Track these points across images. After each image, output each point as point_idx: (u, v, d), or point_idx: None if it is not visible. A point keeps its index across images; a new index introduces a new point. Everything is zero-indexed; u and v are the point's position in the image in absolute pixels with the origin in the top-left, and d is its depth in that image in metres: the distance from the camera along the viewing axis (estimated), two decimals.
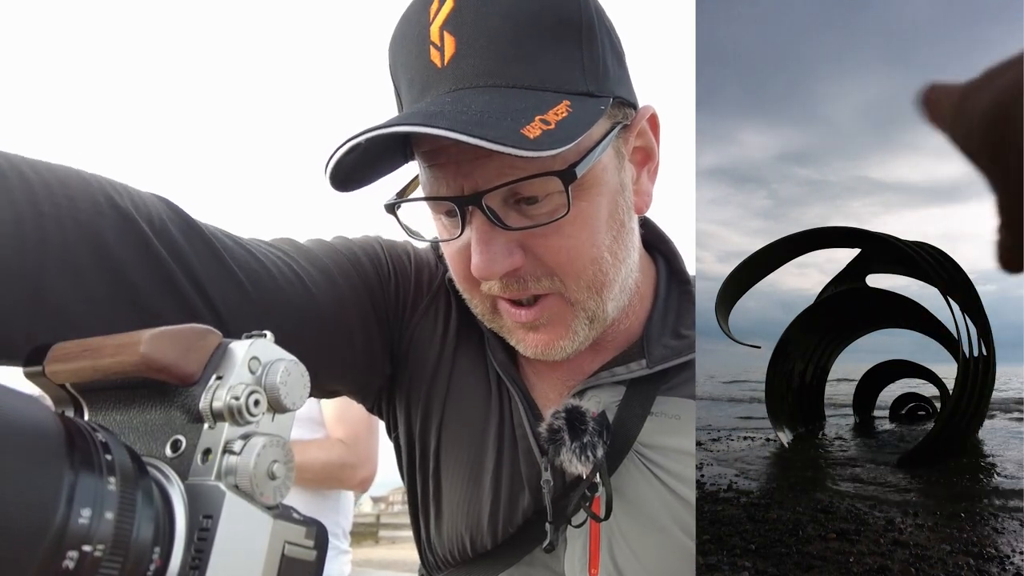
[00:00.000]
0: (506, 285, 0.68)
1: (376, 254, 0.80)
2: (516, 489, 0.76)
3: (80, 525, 0.26)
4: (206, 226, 0.64)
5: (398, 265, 0.81)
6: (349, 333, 0.74)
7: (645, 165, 0.74)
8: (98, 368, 0.33)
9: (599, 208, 0.67)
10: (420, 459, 0.82)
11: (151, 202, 0.60)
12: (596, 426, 0.70)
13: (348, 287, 0.74)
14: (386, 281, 0.79)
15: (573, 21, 0.64)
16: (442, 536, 0.80)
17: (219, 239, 0.64)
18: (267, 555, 0.31)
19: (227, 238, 0.65)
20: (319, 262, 0.72)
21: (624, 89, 0.70)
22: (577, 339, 0.71)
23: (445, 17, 0.63)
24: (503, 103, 0.60)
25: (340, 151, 0.60)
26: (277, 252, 0.69)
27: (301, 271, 0.70)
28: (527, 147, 0.56)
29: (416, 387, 0.81)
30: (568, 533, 0.74)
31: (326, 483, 1.89)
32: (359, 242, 0.80)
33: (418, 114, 0.60)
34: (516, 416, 0.77)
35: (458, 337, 0.81)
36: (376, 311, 0.77)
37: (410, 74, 0.66)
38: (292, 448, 1.21)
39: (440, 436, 0.80)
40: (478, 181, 0.64)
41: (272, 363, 0.33)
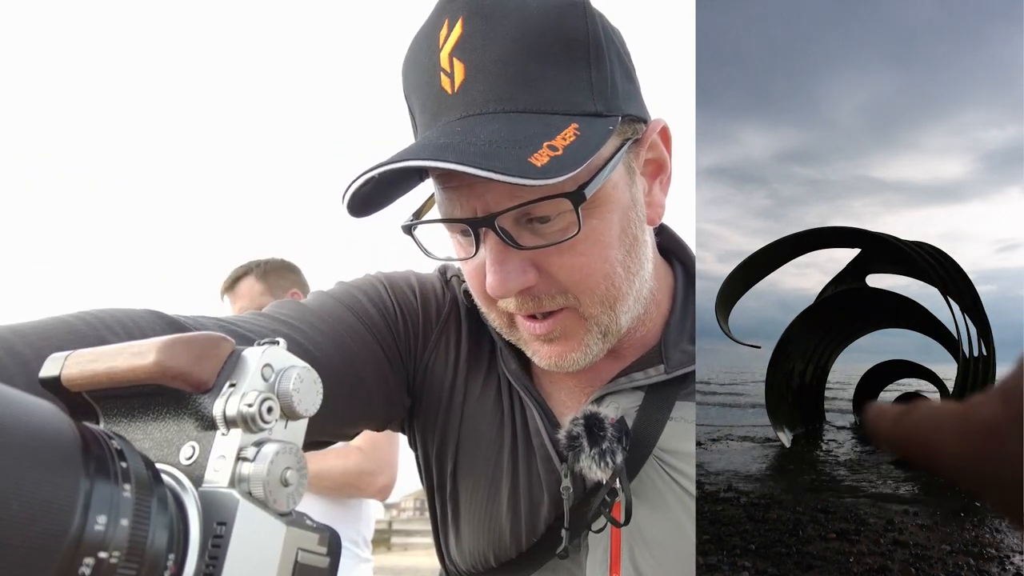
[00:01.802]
0: (521, 303, 0.69)
1: (380, 296, 0.81)
2: (536, 498, 0.77)
3: (96, 532, 0.26)
4: (201, 326, 0.65)
5: (403, 302, 0.82)
6: (363, 385, 0.76)
7: (657, 177, 0.75)
8: (113, 376, 0.33)
9: (611, 225, 0.68)
10: (438, 481, 0.83)
11: (144, 323, 0.61)
12: (615, 432, 0.71)
13: (355, 341, 0.75)
14: (393, 322, 0.80)
15: (580, 42, 0.65)
16: (464, 553, 0.81)
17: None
18: (280, 562, 0.32)
19: (226, 332, 0.65)
20: (321, 323, 0.74)
21: (634, 105, 0.70)
22: (590, 352, 0.72)
23: (454, 44, 0.65)
24: (511, 130, 0.62)
25: (356, 184, 0.63)
26: (276, 327, 0.70)
27: (304, 339, 0.71)
28: (534, 176, 0.58)
29: (432, 416, 0.82)
30: (589, 539, 0.75)
31: (345, 491, 1.89)
32: (361, 287, 0.81)
33: (428, 147, 0.62)
34: (532, 425, 0.78)
35: (469, 362, 0.82)
36: (388, 354, 0.79)
37: (422, 100, 0.68)
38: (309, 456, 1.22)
39: (457, 459, 0.81)
40: (490, 203, 0.65)
41: (285, 370, 0.33)
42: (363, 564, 1.97)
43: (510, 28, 0.64)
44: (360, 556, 1.96)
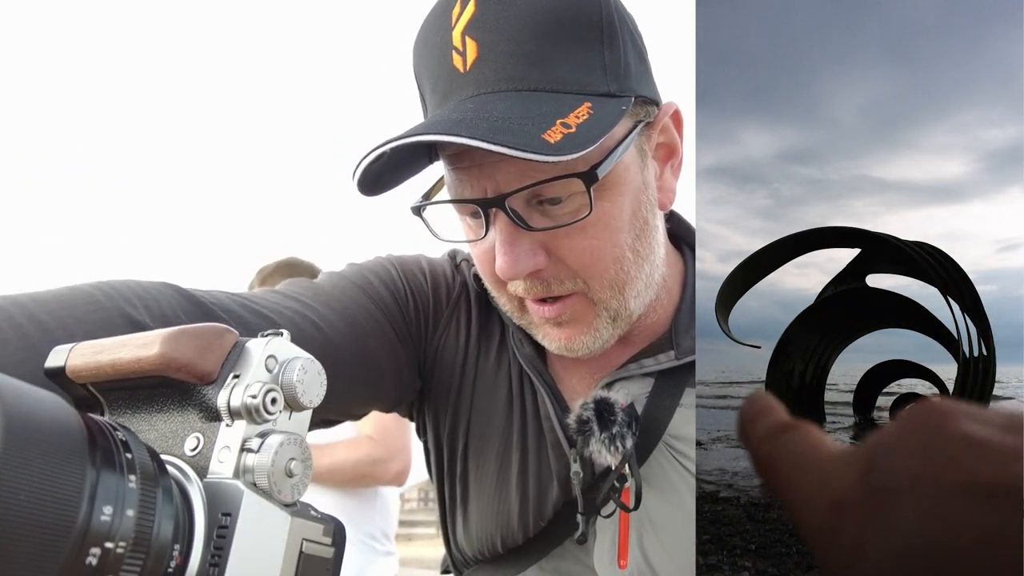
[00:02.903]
0: (530, 287, 0.68)
1: (391, 278, 0.81)
2: (545, 483, 0.77)
3: (102, 522, 0.27)
4: (217, 300, 0.64)
5: (414, 284, 0.82)
6: (374, 364, 0.75)
7: (669, 161, 0.74)
8: (118, 367, 0.33)
9: (622, 208, 0.68)
10: (448, 463, 0.83)
11: (161, 296, 0.60)
12: (625, 417, 0.71)
13: (367, 320, 0.75)
14: (404, 303, 0.80)
15: (594, 21, 0.65)
16: (471, 537, 0.81)
17: (233, 312, 0.64)
18: (285, 552, 0.32)
19: (241, 307, 0.66)
20: (334, 302, 0.74)
21: (646, 87, 0.70)
22: (600, 337, 0.71)
23: (467, 22, 0.64)
24: (524, 108, 0.61)
25: (366, 160, 0.62)
26: (291, 304, 0.70)
27: (318, 318, 0.70)
28: (547, 152, 0.57)
29: (443, 398, 0.82)
30: (598, 525, 0.74)
31: (360, 481, 1.88)
32: (372, 268, 0.81)
33: (441, 122, 0.61)
34: (543, 409, 0.78)
35: (479, 344, 0.82)
36: (399, 334, 0.78)
37: (433, 78, 0.67)
38: (320, 450, 1.23)
39: (468, 440, 0.81)
40: (500, 183, 0.64)
41: (289, 361, 0.34)
42: (385, 557, 1.95)
43: (524, 7, 0.63)
44: (378, 549, 1.94)
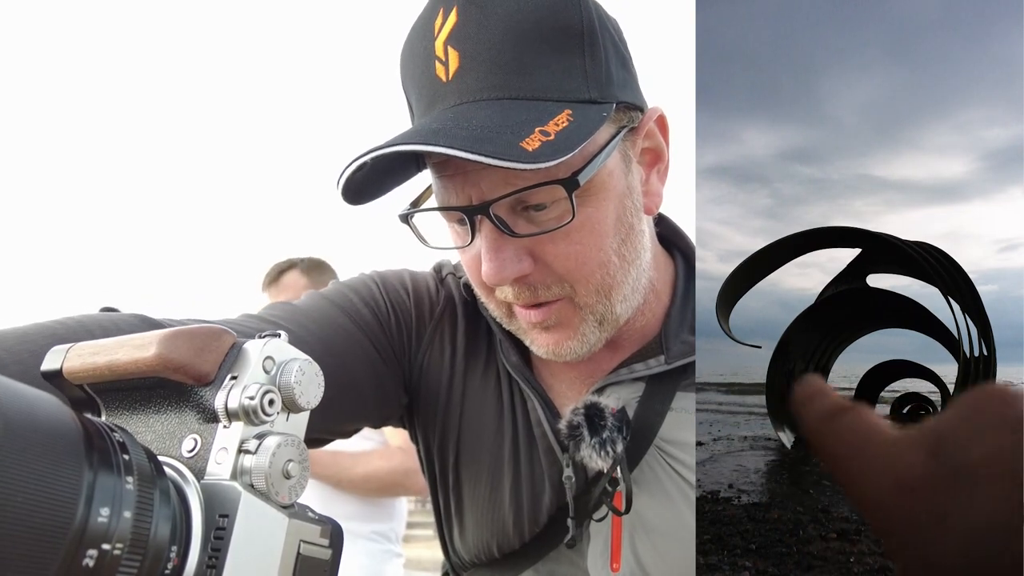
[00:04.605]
0: (518, 293, 0.69)
1: (372, 295, 0.81)
2: (538, 489, 0.77)
3: (99, 524, 0.26)
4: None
5: (396, 301, 0.82)
6: (354, 384, 0.76)
7: (655, 166, 0.75)
8: (115, 369, 0.33)
9: (606, 213, 0.68)
10: (440, 475, 0.84)
11: (128, 328, 0.61)
12: (615, 421, 0.71)
13: (345, 340, 0.75)
14: (386, 321, 0.81)
15: (574, 29, 0.65)
16: (468, 543, 0.81)
17: None
18: (283, 554, 0.32)
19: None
20: (311, 323, 0.74)
21: (629, 93, 0.70)
22: (587, 341, 0.72)
23: (449, 32, 0.65)
24: (504, 116, 0.62)
25: (349, 169, 0.63)
26: (266, 328, 0.70)
27: (293, 340, 0.70)
28: (525, 160, 0.58)
29: (431, 412, 0.83)
30: (591, 528, 0.75)
31: (391, 490, 1.94)
32: (353, 286, 0.81)
33: (420, 132, 0.62)
34: (533, 416, 0.78)
35: (466, 357, 0.82)
36: (381, 353, 0.79)
37: (418, 88, 0.68)
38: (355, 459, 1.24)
39: (458, 452, 0.81)
40: (485, 191, 0.65)
41: (286, 363, 0.34)
42: (396, 559, 2.02)
43: (504, 16, 0.64)
44: (393, 551, 2.01)
